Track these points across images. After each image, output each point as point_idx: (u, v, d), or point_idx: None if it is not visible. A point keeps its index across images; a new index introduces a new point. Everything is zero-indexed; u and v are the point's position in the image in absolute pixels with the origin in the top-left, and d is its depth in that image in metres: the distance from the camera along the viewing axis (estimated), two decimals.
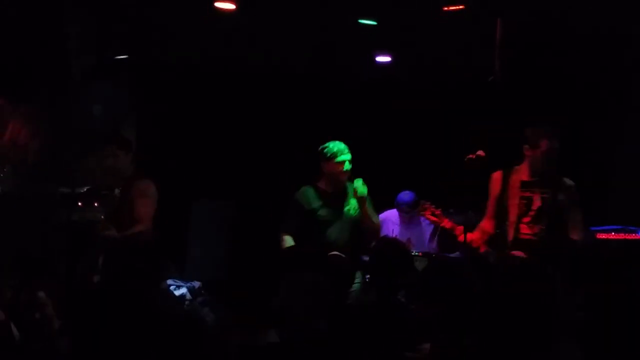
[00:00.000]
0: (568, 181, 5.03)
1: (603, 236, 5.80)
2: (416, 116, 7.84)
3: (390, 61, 7.51)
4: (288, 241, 5.37)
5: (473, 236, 5.16)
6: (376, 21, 6.22)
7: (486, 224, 5.27)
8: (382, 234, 7.02)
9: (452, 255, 6.70)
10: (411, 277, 5.35)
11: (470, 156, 5.28)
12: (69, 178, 6.96)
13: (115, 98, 7.74)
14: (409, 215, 7.05)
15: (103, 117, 7.59)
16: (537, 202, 5.04)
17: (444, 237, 7.05)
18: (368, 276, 4.43)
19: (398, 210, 7.07)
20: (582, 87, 7.11)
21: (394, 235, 6.98)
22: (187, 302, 6.27)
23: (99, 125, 7.65)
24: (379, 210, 7.24)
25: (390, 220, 7.17)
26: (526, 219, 5.05)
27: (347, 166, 5.52)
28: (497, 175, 5.26)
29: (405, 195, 7.00)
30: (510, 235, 5.05)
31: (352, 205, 5.56)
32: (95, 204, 6.45)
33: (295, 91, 7.96)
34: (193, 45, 7.04)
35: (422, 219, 7.11)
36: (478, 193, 5.96)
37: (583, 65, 6.79)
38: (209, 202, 7.91)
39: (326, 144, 5.59)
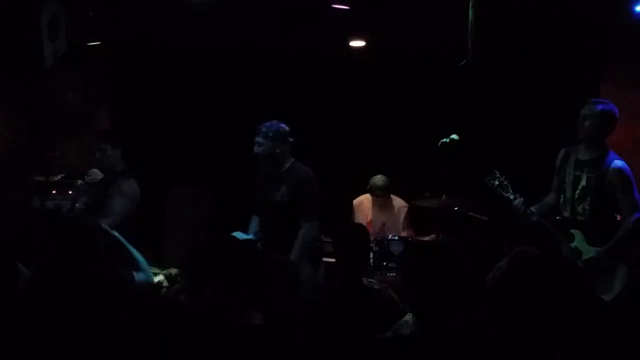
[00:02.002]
0: (618, 163, 4.97)
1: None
2: (390, 99, 7.84)
3: (363, 45, 7.51)
4: None
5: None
6: (349, 5, 6.20)
7: (549, 197, 5.26)
8: (358, 219, 7.05)
9: (426, 238, 6.74)
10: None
11: (444, 140, 5.30)
12: (44, 166, 6.92)
13: (89, 84, 7.70)
14: (383, 200, 7.06)
15: (77, 104, 7.55)
16: (583, 182, 5.02)
17: (417, 220, 7.09)
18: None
19: (372, 194, 7.08)
20: (558, 69, 7.13)
21: (368, 220, 7.00)
22: (163, 290, 6.26)
23: (73, 112, 7.62)
24: (354, 194, 7.29)
25: (364, 205, 7.18)
26: (575, 198, 5.04)
27: (256, 148, 5.41)
28: (561, 152, 5.23)
29: (379, 180, 7.00)
30: (565, 213, 5.07)
31: (281, 191, 5.42)
32: (70, 192, 6.43)
33: (271, 75, 7.94)
34: (167, 28, 7.00)
35: (394, 202, 7.14)
36: (453, 176, 5.98)
37: (558, 46, 6.81)
38: (186, 188, 7.89)
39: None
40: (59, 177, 6.83)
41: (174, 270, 6.39)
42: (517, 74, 7.15)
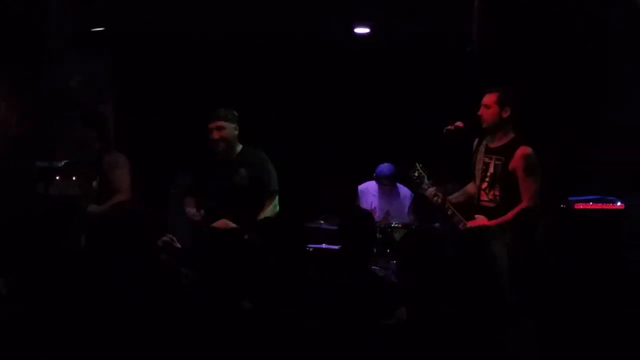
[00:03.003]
0: (525, 149, 5.00)
1: (581, 206, 5.80)
2: (394, 86, 7.82)
3: (369, 32, 7.48)
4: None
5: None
6: None
7: (470, 186, 5.36)
8: (362, 205, 7.04)
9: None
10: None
11: (449, 127, 5.28)
12: (47, 152, 6.92)
13: (93, 70, 7.69)
14: (388, 188, 7.06)
15: (81, 90, 7.54)
16: (491, 169, 5.09)
17: (421, 208, 7.08)
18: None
19: (377, 182, 7.08)
20: (563, 56, 7.10)
21: (372, 208, 7.00)
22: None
23: (78, 98, 7.61)
24: (359, 181, 7.28)
25: (369, 192, 7.18)
26: (483, 185, 5.12)
27: (217, 133, 5.40)
28: (475, 141, 5.30)
29: (385, 168, 7.00)
30: (475, 200, 5.17)
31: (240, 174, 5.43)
32: (74, 178, 6.45)
33: (276, 62, 7.92)
34: (171, 15, 6.98)
35: (400, 190, 7.14)
36: (457, 164, 5.97)
37: (563, 34, 6.78)
38: (189, 174, 7.87)
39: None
40: (63, 163, 6.83)
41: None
42: (522, 60, 7.12)
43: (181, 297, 3.05)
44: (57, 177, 6.61)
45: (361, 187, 7.24)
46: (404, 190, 7.12)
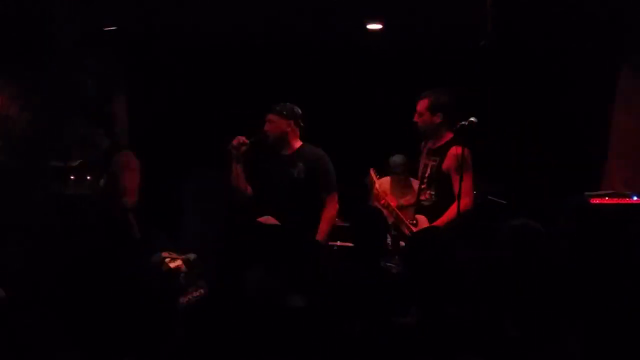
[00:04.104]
0: (456, 149, 5.16)
1: (597, 201, 5.81)
2: (407, 82, 7.77)
3: (381, 28, 7.46)
4: None
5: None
6: None
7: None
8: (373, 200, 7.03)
9: None
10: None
11: (463, 122, 5.28)
12: (61, 151, 6.93)
13: (105, 69, 7.69)
14: (403, 181, 7.08)
15: (94, 89, 7.54)
16: (428, 170, 5.36)
17: None
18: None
19: (392, 173, 7.09)
20: (577, 51, 7.06)
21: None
22: (182, 275, 6.27)
23: (90, 97, 7.60)
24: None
25: (382, 186, 7.14)
26: (422, 185, 5.40)
27: (267, 126, 5.51)
28: (423, 143, 5.54)
29: (398, 157, 7.08)
30: (417, 200, 5.45)
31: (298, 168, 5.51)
32: (88, 178, 6.45)
33: (289, 59, 7.91)
34: (182, 13, 6.98)
35: (414, 185, 7.12)
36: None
37: (577, 27, 6.74)
38: (203, 173, 7.88)
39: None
40: (77, 163, 6.84)
41: (192, 256, 6.40)
42: (536, 55, 7.08)
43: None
44: (72, 177, 6.62)
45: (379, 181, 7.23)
46: (417, 184, 7.11)
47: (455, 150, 5.17)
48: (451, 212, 5.07)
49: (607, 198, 5.85)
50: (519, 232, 3.53)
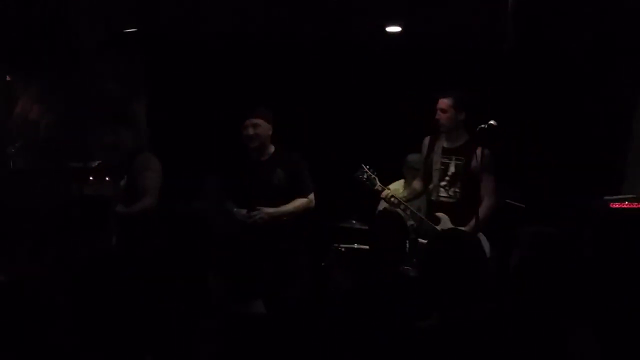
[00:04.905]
0: (484, 150, 5.34)
1: (617, 205, 5.77)
2: (427, 85, 7.75)
3: (400, 31, 7.44)
4: None
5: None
6: None
7: (416, 183, 5.82)
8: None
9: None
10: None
11: (482, 125, 5.29)
12: (81, 152, 6.96)
13: (126, 71, 7.72)
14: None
15: (115, 91, 7.57)
16: (452, 168, 5.46)
17: None
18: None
19: (409, 172, 7.04)
20: (598, 54, 7.01)
21: None
22: None
23: (111, 99, 7.64)
24: (390, 180, 7.24)
25: (398, 191, 7.12)
26: (443, 183, 5.50)
27: (252, 130, 5.45)
28: (426, 141, 5.69)
29: (415, 155, 7.01)
30: (432, 197, 5.55)
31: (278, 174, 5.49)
32: (107, 179, 6.47)
33: (309, 61, 7.91)
34: (204, 15, 7.00)
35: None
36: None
37: (599, 31, 6.70)
38: (220, 177, 7.89)
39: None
40: (97, 164, 6.87)
41: None
42: (557, 59, 7.05)
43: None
44: (91, 178, 6.64)
45: (391, 186, 7.20)
46: None
47: (483, 151, 5.31)
48: (485, 213, 5.31)
49: (626, 203, 5.81)
50: (535, 239, 3.53)
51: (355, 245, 6.51)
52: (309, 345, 3.09)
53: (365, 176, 5.65)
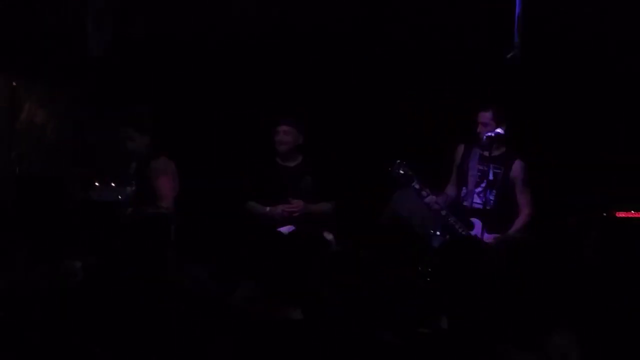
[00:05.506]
0: (523, 163, 5.71)
1: (623, 214, 5.80)
2: (433, 92, 7.74)
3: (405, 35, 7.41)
4: None
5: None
6: None
7: (450, 189, 5.92)
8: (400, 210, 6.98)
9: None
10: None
11: (489, 134, 5.34)
12: (87, 157, 6.96)
13: (132, 75, 7.70)
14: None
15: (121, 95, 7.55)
16: (490, 176, 5.67)
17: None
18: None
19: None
20: (606, 64, 6.99)
21: None
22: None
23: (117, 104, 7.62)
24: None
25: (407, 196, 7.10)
26: (478, 189, 5.71)
27: (283, 137, 5.71)
28: (460, 148, 5.88)
29: None
30: (466, 203, 5.76)
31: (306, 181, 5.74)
32: (113, 184, 6.46)
33: (316, 67, 7.88)
34: (212, 19, 7.00)
35: None
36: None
37: (607, 37, 6.68)
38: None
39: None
40: (102, 169, 6.86)
41: None
42: (565, 66, 7.02)
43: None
44: (97, 183, 6.63)
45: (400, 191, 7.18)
46: None
47: (522, 163, 5.69)
48: (525, 221, 5.65)
49: (632, 211, 5.83)
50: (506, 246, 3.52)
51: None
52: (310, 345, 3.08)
53: (402, 171, 5.75)
